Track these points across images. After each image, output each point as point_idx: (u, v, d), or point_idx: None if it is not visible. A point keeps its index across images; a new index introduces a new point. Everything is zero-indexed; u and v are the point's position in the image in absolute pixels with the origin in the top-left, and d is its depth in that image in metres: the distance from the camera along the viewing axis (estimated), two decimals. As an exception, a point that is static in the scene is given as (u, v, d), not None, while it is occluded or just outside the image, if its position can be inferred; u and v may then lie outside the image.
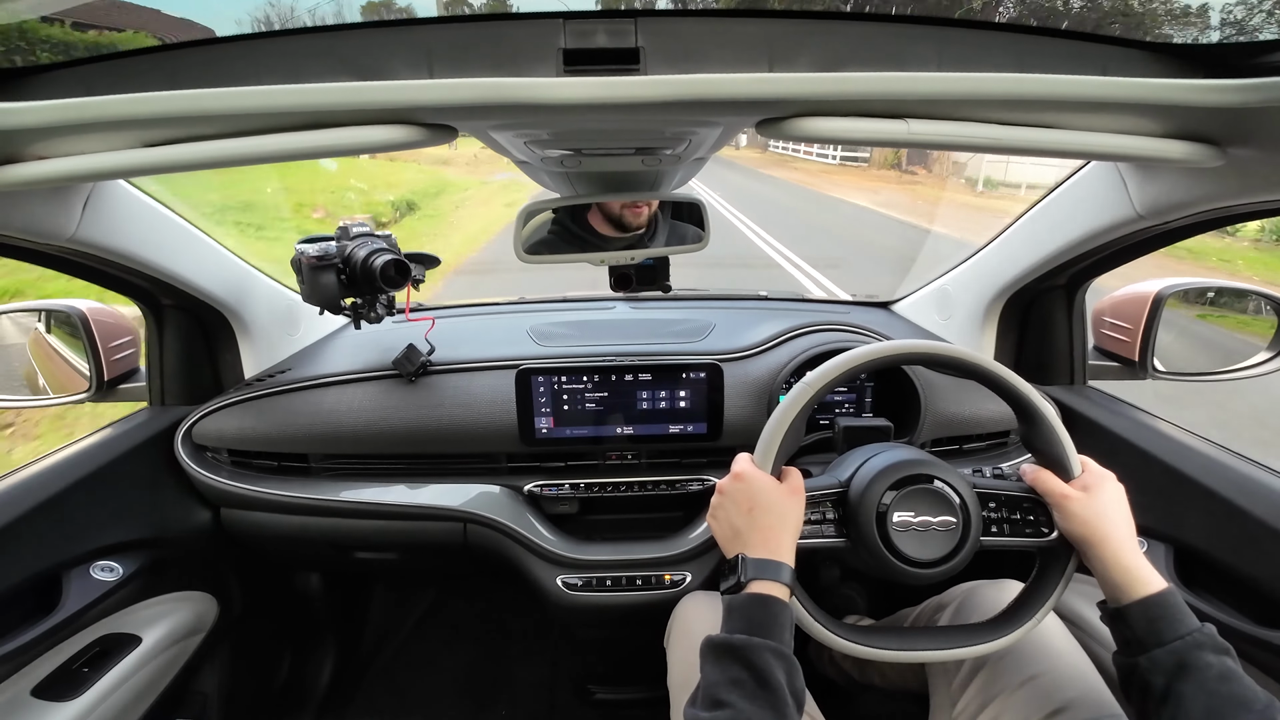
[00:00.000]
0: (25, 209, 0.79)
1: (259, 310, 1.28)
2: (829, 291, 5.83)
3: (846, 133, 0.62)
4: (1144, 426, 1.08)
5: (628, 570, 1.13)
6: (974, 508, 0.76)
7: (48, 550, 0.95)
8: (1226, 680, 0.61)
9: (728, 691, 0.60)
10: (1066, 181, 1.06)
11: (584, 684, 1.50)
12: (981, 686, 0.84)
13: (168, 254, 1.05)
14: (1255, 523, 0.86)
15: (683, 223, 1.12)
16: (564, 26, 0.55)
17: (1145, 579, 0.68)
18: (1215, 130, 0.66)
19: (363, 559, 1.30)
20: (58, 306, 1.14)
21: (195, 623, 1.18)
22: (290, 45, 0.58)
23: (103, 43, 0.62)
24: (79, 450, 1.04)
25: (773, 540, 0.71)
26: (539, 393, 1.14)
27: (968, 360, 0.79)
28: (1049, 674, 0.80)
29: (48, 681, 0.95)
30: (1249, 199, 0.77)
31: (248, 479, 1.17)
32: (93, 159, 0.64)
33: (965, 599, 0.95)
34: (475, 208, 11.32)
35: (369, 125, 0.61)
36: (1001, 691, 0.81)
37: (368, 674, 1.66)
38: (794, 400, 0.77)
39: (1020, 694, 0.80)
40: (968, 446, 1.24)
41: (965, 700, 0.85)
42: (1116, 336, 1.20)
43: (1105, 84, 0.56)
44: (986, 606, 0.90)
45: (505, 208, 10.52)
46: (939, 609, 0.98)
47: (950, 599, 0.97)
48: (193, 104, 0.55)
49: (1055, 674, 0.80)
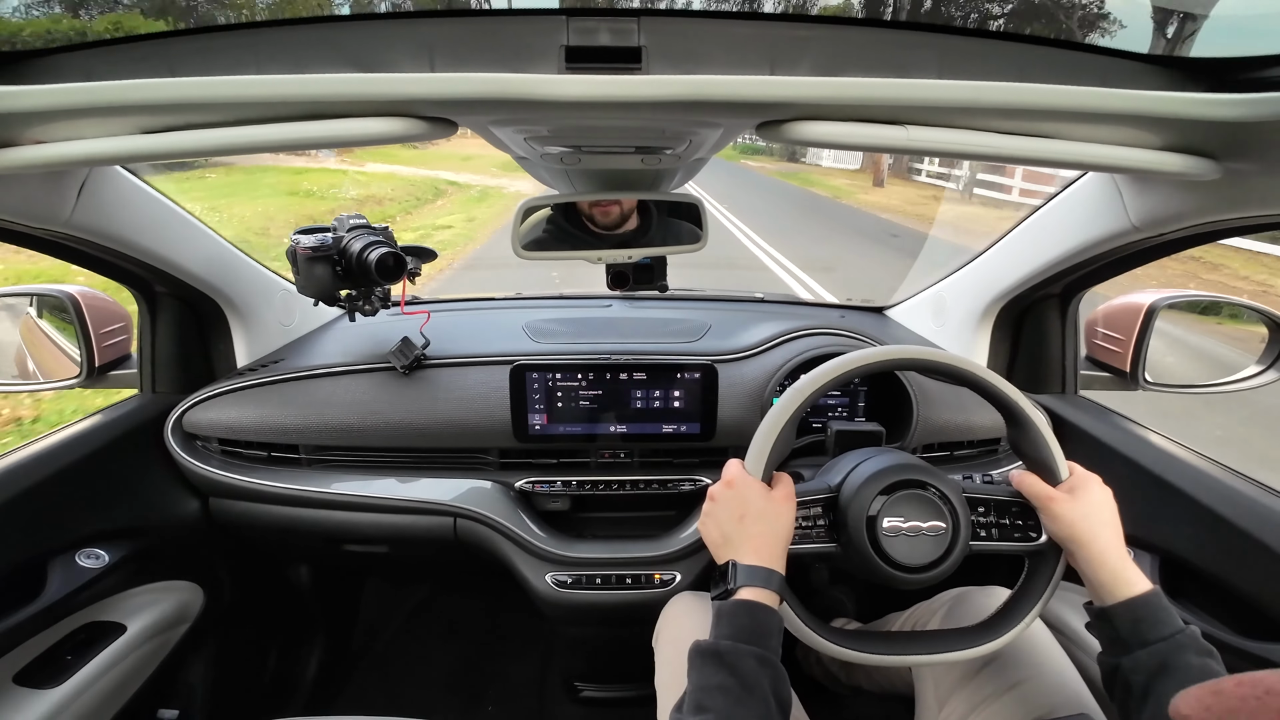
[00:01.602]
0: (20, 193, 0.79)
1: (253, 299, 1.27)
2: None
3: (846, 138, 0.62)
4: (1133, 436, 1.08)
5: (617, 569, 1.13)
6: (963, 513, 0.76)
7: (32, 536, 0.94)
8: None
9: (713, 697, 0.60)
10: (1063, 192, 1.07)
11: (572, 681, 1.50)
12: (969, 691, 0.85)
13: (163, 241, 1.04)
14: (1240, 534, 0.87)
15: (681, 222, 1.12)
16: (567, 24, 0.55)
17: (1130, 580, 0.69)
18: (1212, 144, 0.67)
19: (353, 552, 1.30)
20: (50, 291, 1.14)
21: (181, 612, 1.18)
22: (291, 35, 0.57)
23: (100, 29, 0.61)
24: (66, 436, 1.03)
25: (763, 547, 0.71)
26: (533, 389, 1.14)
27: (955, 366, 0.79)
28: (1034, 680, 0.81)
29: (31, 668, 0.95)
30: (1244, 213, 0.78)
31: (238, 469, 1.17)
32: (90, 144, 0.64)
33: (954, 604, 0.95)
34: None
35: (369, 117, 0.60)
36: (988, 696, 0.82)
37: (357, 668, 1.66)
38: (785, 406, 0.77)
39: (1007, 699, 0.80)
40: (959, 453, 1.24)
41: (952, 705, 0.86)
42: (1108, 347, 1.20)
43: (1104, 95, 0.56)
44: (975, 612, 0.90)
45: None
46: (929, 614, 0.99)
47: (939, 604, 0.98)
48: (192, 91, 0.55)
49: (1041, 680, 0.81)
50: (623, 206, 1.09)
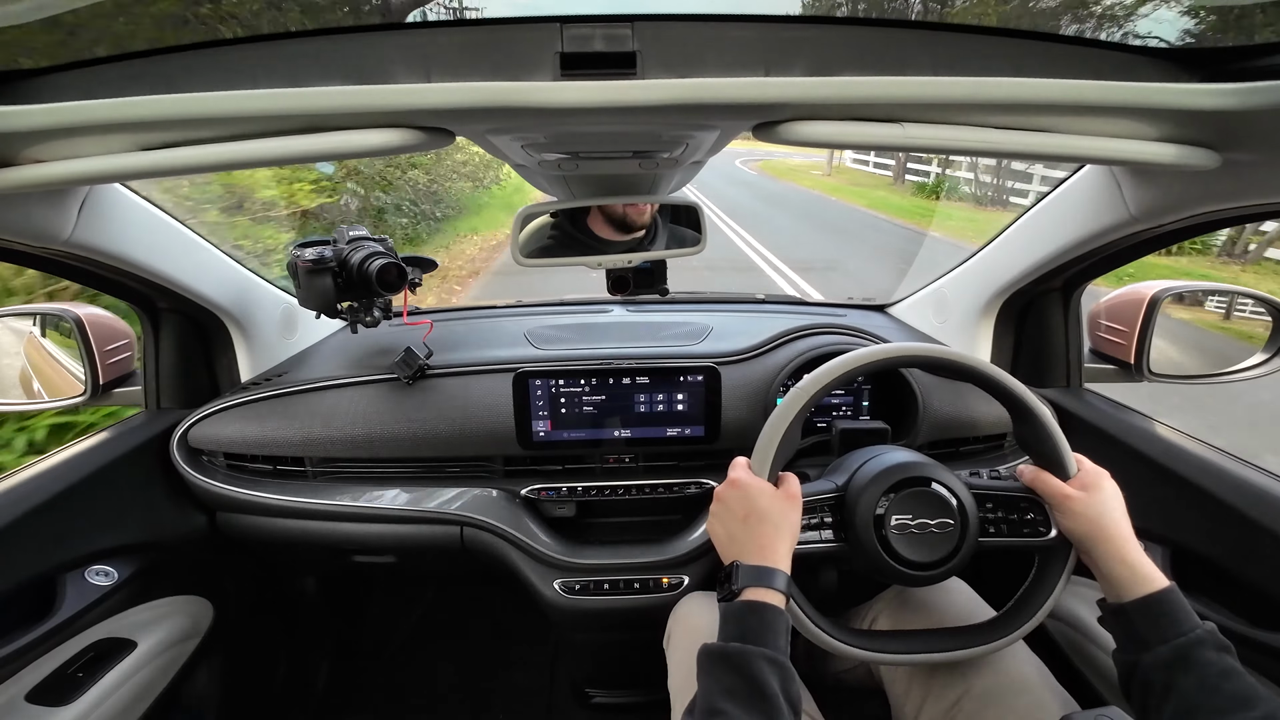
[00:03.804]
0: (21, 212, 0.79)
1: (255, 314, 1.27)
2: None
3: (842, 137, 0.62)
4: (1140, 429, 1.08)
5: (625, 574, 1.13)
6: (971, 509, 0.76)
7: (43, 554, 0.95)
8: (1228, 677, 0.61)
9: (723, 700, 0.60)
10: (1062, 185, 1.07)
11: (582, 688, 1.50)
12: (942, 686, 0.84)
13: (164, 257, 1.05)
14: (1252, 525, 0.86)
15: (680, 226, 1.12)
16: (561, 31, 0.56)
17: (1147, 576, 0.68)
18: (1210, 134, 0.66)
19: (360, 563, 1.30)
20: (53, 310, 1.14)
21: (191, 627, 1.18)
22: (287, 49, 0.58)
23: (100, 46, 0.62)
24: (74, 454, 1.03)
25: (768, 547, 0.71)
26: (536, 396, 1.13)
27: (958, 361, 0.79)
28: (1005, 674, 0.80)
29: (43, 686, 0.94)
30: (1243, 202, 0.78)
31: (243, 483, 1.17)
32: (89, 162, 0.64)
33: (909, 596, 0.95)
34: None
35: (367, 129, 0.61)
36: (962, 695, 0.81)
37: (365, 677, 1.66)
38: (789, 406, 0.77)
39: (977, 696, 0.79)
40: (965, 449, 1.24)
41: (930, 701, 0.85)
42: (1112, 339, 1.20)
43: (1100, 88, 0.56)
44: (932, 603, 0.92)
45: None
46: (874, 608, 1.00)
47: (880, 599, 0.99)
48: (189, 107, 0.55)
49: (1012, 675, 0.80)
50: (652, 205, 1.09)
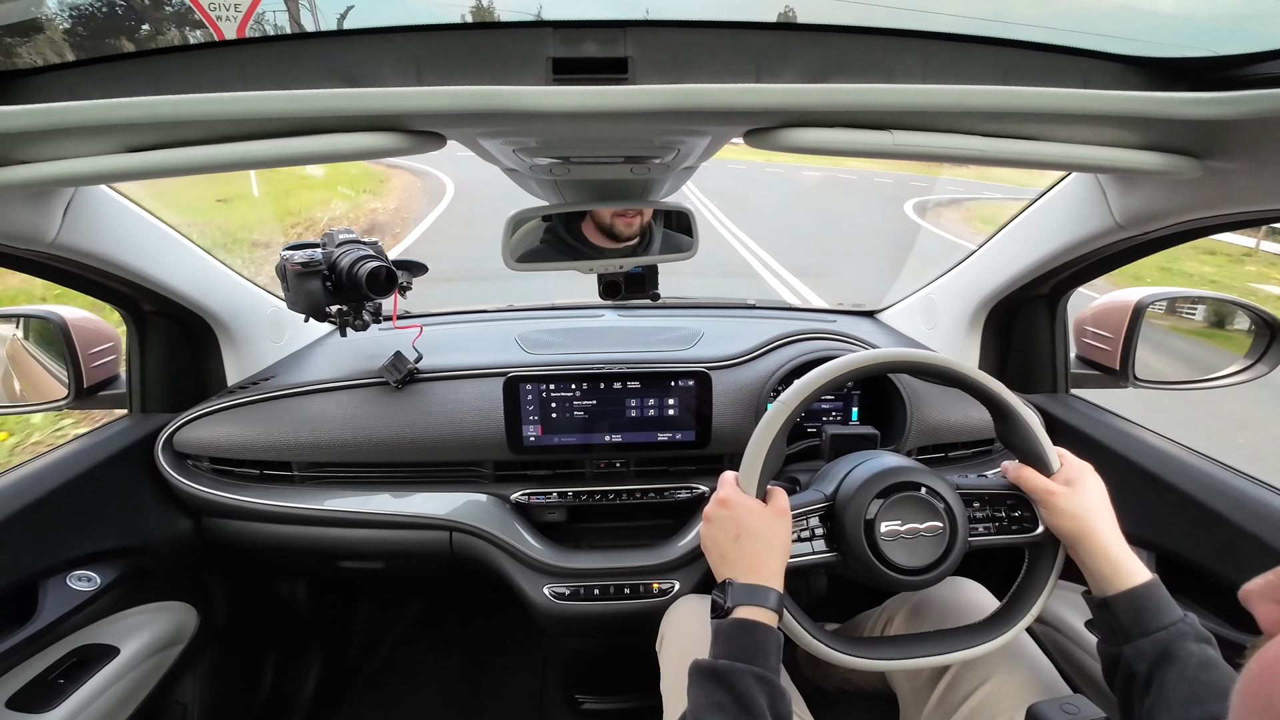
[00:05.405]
0: (4, 213, 0.78)
1: (243, 317, 1.26)
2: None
3: (832, 143, 0.62)
4: (1126, 434, 1.09)
5: (615, 579, 1.13)
6: (959, 512, 0.77)
7: (23, 559, 0.93)
8: (1207, 669, 0.62)
9: (711, 714, 0.61)
10: (1048, 193, 1.08)
11: (572, 694, 1.49)
12: (945, 686, 0.85)
13: (150, 260, 1.04)
14: (1235, 530, 0.87)
15: (672, 231, 1.12)
16: (553, 35, 0.56)
17: (1131, 570, 0.70)
18: (1193, 142, 0.68)
19: (348, 568, 1.29)
20: (37, 313, 1.12)
21: (175, 633, 1.16)
22: (277, 51, 0.57)
23: (89, 48, 0.61)
24: (56, 458, 1.02)
25: (759, 565, 0.71)
26: (527, 401, 1.13)
27: (940, 365, 0.80)
28: (1011, 671, 0.82)
29: (23, 693, 0.93)
30: (1227, 210, 0.79)
31: (229, 487, 1.16)
32: (75, 164, 0.63)
33: (922, 599, 0.96)
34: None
35: (356, 132, 0.60)
36: (968, 692, 0.82)
37: (354, 684, 1.64)
38: (773, 419, 0.77)
39: (987, 690, 0.81)
40: (954, 454, 1.25)
41: (933, 701, 0.86)
42: (1098, 345, 1.21)
43: (1086, 96, 0.56)
44: (941, 601, 0.93)
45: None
46: (898, 606, 1.00)
47: (906, 598, 1.00)
48: (176, 109, 0.54)
49: (1018, 672, 0.82)
50: (644, 216, 1.09)
